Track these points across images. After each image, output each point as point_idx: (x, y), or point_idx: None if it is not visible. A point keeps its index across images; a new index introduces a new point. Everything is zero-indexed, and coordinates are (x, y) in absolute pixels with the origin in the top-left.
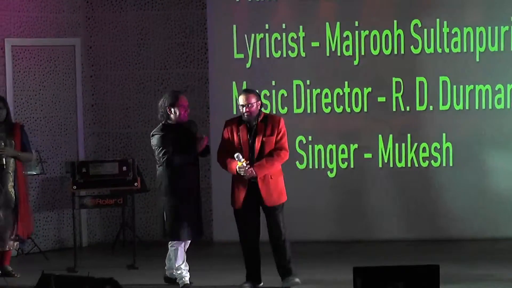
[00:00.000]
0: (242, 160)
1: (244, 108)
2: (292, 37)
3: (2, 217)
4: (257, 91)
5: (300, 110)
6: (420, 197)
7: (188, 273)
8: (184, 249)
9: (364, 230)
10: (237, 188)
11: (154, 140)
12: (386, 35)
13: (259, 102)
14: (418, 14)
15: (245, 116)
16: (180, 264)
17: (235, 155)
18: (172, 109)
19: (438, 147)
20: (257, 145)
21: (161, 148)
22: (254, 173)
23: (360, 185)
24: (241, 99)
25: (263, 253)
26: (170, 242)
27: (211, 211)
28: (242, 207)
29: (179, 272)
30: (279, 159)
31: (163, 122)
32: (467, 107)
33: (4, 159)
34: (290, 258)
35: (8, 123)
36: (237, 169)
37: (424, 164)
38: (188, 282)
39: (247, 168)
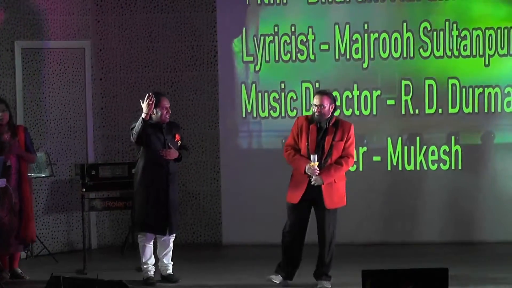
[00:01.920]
0: (317, 162)
1: (317, 108)
2: (301, 40)
3: (6, 221)
4: (332, 93)
5: (309, 113)
6: (429, 200)
7: (154, 268)
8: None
9: (373, 233)
10: (297, 184)
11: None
12: (396, 38)
13: (333, 105)
14: (427, 17)
15: (316, 116)
16: (147, 259)
17: (312, 157)
18: (154, 110)
19: (447, 150)
20: (326, 147)
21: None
22: (321, 180)
23: (369, 188)
24: (315, 99)
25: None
26: (138, 237)
27: (220, 214)
28: (298, 203)
29: (145, 267)
30: (346, 167)
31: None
32: (476, 110)
33: (9, 160)
34: (330, 263)
35: (11, 125)
36: (306, 168)
37: (433, 167)
38: (152, 276)
39: (316, 171)
